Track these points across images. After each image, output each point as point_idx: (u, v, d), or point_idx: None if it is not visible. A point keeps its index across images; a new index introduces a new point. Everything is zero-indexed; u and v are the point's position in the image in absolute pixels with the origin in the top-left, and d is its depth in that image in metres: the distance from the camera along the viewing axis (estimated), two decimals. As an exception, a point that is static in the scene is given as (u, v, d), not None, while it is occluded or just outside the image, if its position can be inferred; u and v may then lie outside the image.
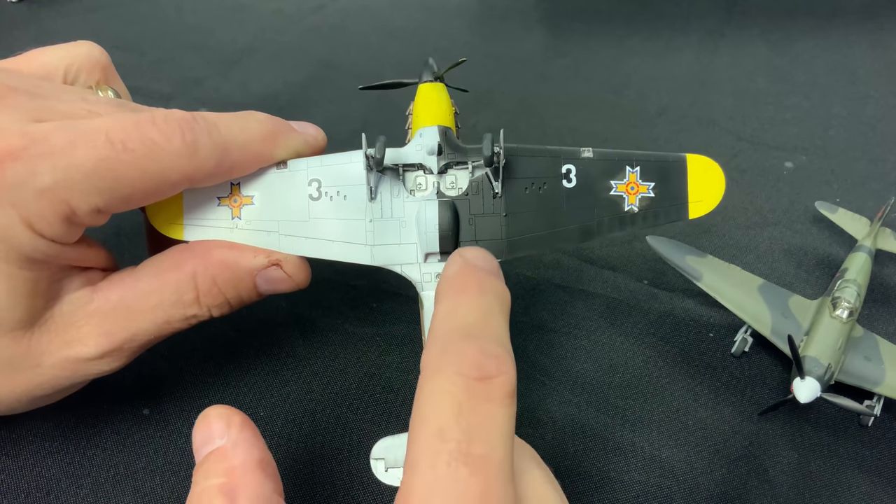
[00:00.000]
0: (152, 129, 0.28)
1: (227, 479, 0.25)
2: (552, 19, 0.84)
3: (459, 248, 0.31)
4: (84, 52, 0.36)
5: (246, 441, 0.26)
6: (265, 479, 0.25)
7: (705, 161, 0.34)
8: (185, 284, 0.32)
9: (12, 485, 0.34)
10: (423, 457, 0.22)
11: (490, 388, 0.23)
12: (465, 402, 0.23)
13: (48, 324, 0.30)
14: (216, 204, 0.33)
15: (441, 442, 0.22)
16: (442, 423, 0.22)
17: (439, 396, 0.23)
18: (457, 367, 0.23)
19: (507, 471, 0.22)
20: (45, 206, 0.27)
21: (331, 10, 0.85)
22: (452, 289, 0.27)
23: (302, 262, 0.34)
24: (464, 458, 0.21)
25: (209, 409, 0.27)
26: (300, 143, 0.34)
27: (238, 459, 0.25)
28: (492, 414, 0.23)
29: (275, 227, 0.33)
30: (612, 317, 0.45)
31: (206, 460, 0.26)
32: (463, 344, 0.24)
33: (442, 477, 0.21)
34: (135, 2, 0.86)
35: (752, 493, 0.35)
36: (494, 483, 0.22)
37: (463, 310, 0.26)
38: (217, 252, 0.32)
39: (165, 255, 0.33)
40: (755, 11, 0.83)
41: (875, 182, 0.56)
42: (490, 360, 0.24)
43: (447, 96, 0.36)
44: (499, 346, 0.25)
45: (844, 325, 0.39)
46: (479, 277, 0.28)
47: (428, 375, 0.24)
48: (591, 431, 0.38)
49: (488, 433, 0.22)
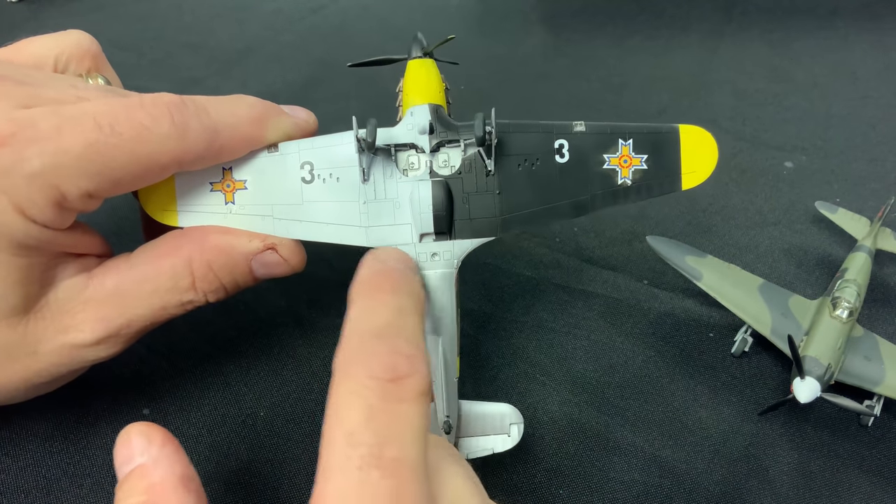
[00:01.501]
0: (141, 113, 0.28)
1: (147, 496, 0.25)
2: (552, 19, 0.84)
3: (373, 249, 0.31)
4: (74, 41, 0.36)
5: (167, 457, 0.26)
6: (187, 496, 0.25)
7: (698, 131, 0.34)
8: (181, 270, 0.32)
9: (12, 485, 0.34)
10: (335, 462, 0.22)
11: (402, 388, 0.23)
12: (377, 404, 0.23)
13: (44, 310, 0.30)
14: (209, 189, 0.33)
15: (352, 447, 0.22)
16: (353, 426, 0.22)
17: (350, 399, 0.23)
18: (368, 368, 0.23)
19: (421, 471, 0.22)
20: (36, 192, 0.27)
21: (331, 10, 0.85)
22: (365, 289, 0.27)
23: (297, 245, 0.34)
24: (376, 461, 0.21)
25: (129, 427, 0.26)
26: (291, 126, 0.34)
27: (158, 476, 0.25)
28: (404, 415, 0.23)
29: (269, 211, 0.33)
30: (612, 317, 0.45)
31: (127, 479, 0.25)
32: (374, 345, 0.24)
33: (354, 482, 0.21)
34: (135, 2, 0.86)
35: (752, 493, 0.35)
36: (408, 485, 0.21)
37: (375, 310, 0.26)
38: (212, 237, 0.32)
39: (161, 241, 0.33)
40: (755, 11, 0.83)
41: (875, 182, 0.56)
42: (402, 360, 0.24)
43: (437, 72, 0.36)
44: (411, 346, 0.24)
45: (844, 325, 0.39)
46: (392, 277, 0.28)
47: (339, 378, 0.24)
48: (591, 431, 0.38)
49: (400, 435, 0.22)
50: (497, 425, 0.34)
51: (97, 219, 0.32)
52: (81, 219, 0.31)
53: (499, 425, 0.34)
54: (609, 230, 0.51)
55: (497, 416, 0.34)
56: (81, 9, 0.83)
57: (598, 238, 0.51)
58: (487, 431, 0.34)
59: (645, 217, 0.52)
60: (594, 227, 0.51)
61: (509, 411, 0.34)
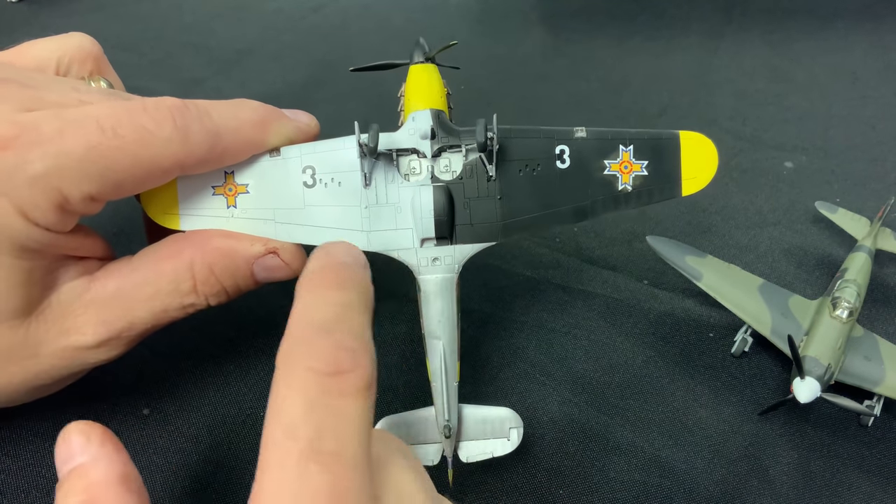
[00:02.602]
0: (143, 116, 0.28)
1: (86, 496, 0.24)
2: (552, 19, 0.84)
3: (324, 243, 0.30)
4: (76, 44, 0.36)
5: (106, 456, 0.25)
6: (127, 495, 0.25)
7: (698, 137, 0.34)
8: (183, 273, 0.32)
9: (12, 485, 0.34)
10: (274, 455, 0.21)
11: (343, 382, 0.23)
12: (317, 397, 0.22)
13: (45, 313, 0.30)
14: (211, 193, 0.33)
15: (291, 440, 0.21)
16: (292, 419, 0.22)
17: (290, 392, 0.23)
18: (309, 362, 0.23)
19: (362, 466, 0.22)
20: (38, 194, 0.27)
21: (331, 10, 0.85)
22: (312, 283, 0.27)
23: (299, 249, 0.34)
24: (315, 455, 0.21)
25: (69, 426, 0.26)
26: (292, 130, 0.34)
27: (98, 475, 0.25)
28: (345, 409, 0.22)
29: (270, 215, 0.33)
30: (612, 317, 0.45)
31: (67, 478, 0.25)
32: (317, 338, 0.24)
33: (291, 475, 0.21)
34: (135, 2, 0.86)
35: (752, 493, 0.35)
36: (347, 479, 0.21)
37: (320, 305, 0.26)
38: (214, 240, 0.32)
39: (162, 244, 0.33)
40: (755, 12, 0.83)
41: (875, 182, 0.56)
42: (344, 354, 0.23)
43: (439, 77, 0.36)
44: (355, 340, 0.24)
45: (844, 325, 0.39)
46: (339, 272, 0.27)
47: (280, 371, 0.23)
48: (591, 431, 0.38)
49: (340, 429, 0.22)
50: (497, 429, 0.34)
51: (100, 221, 0.32)
52: (84, 222, 0.31)
53: (499, 429, 0.34)
54: (609, 230, 0.51)
55: (497, 420, 0.34)
56: (82, 9, 0.83)
57: (598, 238, 0.51)
58: (487, 435, 0.34)
59: (645, 217, 0.52)
60: (594, 227, 0.51)
61: (509, 415, 0.34)
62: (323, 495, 0.21)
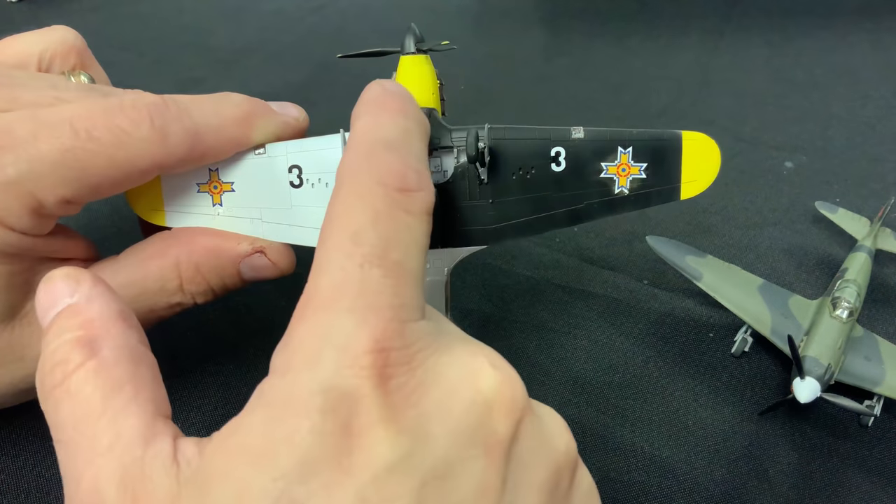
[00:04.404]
0: (119, 116, 0.28)
1: (84, 332, 0.22)
2: (552, 19, 0.84)
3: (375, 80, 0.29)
4: (58, 38, 0.35)
5: (102, 295, 0.23)
6: (128, 329, 0.23)
7: (702, 138, 0.32)
8: (169, 272, 0.31)
9: (12, 485, 0.34)
10: (335, 258, 0.21)
11: (409, 200, 0.23)
12: (385, 209, 0.22)
13: (29, 316, 0.29)
14: (196, 191, 0.32)
15: (355, 245, 0.21)
16: (357, 227, 0.22)
17: (357, 201, 0.22)
18: (378, 175, 0.23)
19: (421, 282, 0.22)
20: (11, 200, 0.26)
21: (331, 11, 0.85)
22: (374, 107, 0.26)
23: (286, 248, 0.33)
24: (379, 260, 0.21)
25: (52, 272, 0.24)
26: (279, 126, 0.33)
27: (95, 312, 0.23)
28: (410, 225, 0.22)
29: (257, 215, 0.33)
30: (612, 317, 0.45)
31: (57, 319, 0.23)
32: (385, 154, 0.23)
33: (353, 277, 0.21)
34: (135, 2, 0.86)
35: (752, 493, 0.35)
36: (408, 287, 0.21)
37: (386, 125, 0.25)
38: (201, 239, 0.32)
39: (148, 243, 0.32)
40: (755, 11, 0.83)
41: (875, 182, 0.56)
42: (412, 174, 0.23)
43: (432, 70, 0.35)
44: (420, 163, 0.24)
45: (844, 325, 0.39)
46: (399, 100, 0.27)
47: (346, 181, 0.23)
48: (591, 431, 0.38)
49: (406, 242, 0.22)
50: None
51: (100, 221, 0.32)
52: (84, 222, 0.30)
53: None
54: (609, 230, 0.51)
55: None
56: (81, 8, 0.83)
57: (598, 238, 0.51)
58: None
59: (645, 217, 0.52)
60: (594, 227, 0.51)
61: None
62: (385, 297, 0.21)
